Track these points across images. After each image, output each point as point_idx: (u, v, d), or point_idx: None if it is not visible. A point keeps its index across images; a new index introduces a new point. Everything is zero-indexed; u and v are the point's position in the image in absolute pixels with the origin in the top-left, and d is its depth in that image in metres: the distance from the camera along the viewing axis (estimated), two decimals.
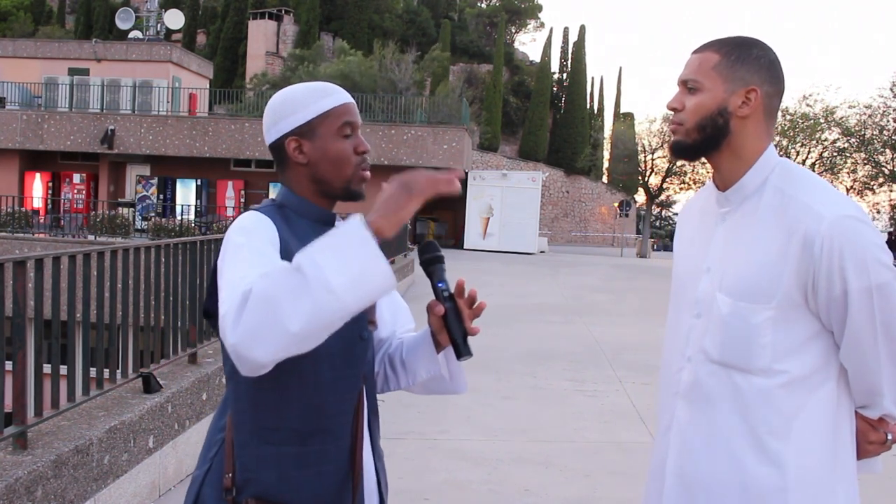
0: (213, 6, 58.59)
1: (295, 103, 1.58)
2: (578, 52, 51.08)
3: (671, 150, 1.71)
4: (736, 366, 1.60)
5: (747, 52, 1.62)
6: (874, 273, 1.51)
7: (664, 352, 1.82)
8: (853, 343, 1.56)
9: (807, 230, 1.52)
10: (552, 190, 46.74)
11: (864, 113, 38.38)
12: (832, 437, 1.60)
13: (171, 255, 4.58)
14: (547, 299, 13.62)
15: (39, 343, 3.24)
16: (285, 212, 1.59)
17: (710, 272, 1.67)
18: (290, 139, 1.58)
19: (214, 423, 1.60)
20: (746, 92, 1.60)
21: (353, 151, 1.59)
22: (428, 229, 28.29)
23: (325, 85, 1.63)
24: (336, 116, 1.58)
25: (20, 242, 17.94)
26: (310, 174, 1.59)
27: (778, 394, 1.57)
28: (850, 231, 1.51)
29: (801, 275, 1.53)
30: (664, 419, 1.75)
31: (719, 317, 1.61)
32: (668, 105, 1.68)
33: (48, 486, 2.94)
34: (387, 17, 52.83)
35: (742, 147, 1.63)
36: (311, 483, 1.52)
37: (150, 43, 30.15)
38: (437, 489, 4.28)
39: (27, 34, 51.05)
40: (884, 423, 1.64)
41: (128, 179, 26.94)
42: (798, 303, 1.55)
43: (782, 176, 1.62)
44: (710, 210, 1.73)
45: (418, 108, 28.12)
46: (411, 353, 1.68)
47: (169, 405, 4.09)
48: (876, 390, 1.60)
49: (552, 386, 6.92)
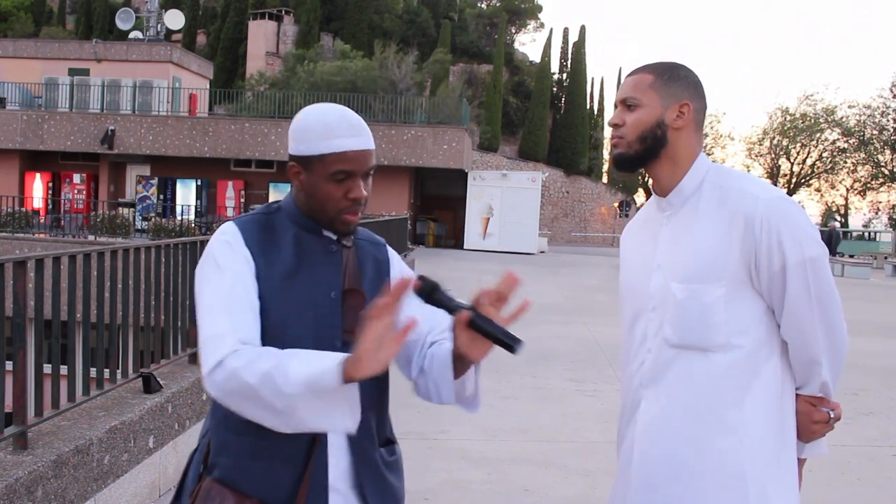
0: (213, 6, 58.58)
1: (303, 133, 1.60)
2: (578, 52, 51.06)
3: (613, 162, 1.88)
4: (695, 346, 1.73)
5: (676, 72, 1.81)
6: (807, 247, 1.68)
7: (623, 352, 1.95)
8: (792, 315, 1.70)
9: (746, 211, 1.69)
10: (552, 190, 46.73)
11: (863, 113, 38.35)
12: (778, 408, 1.73)
13: (171, 255, 4.58)
14: (547, 299, 13.62)
15: (39, 343, 3.24)
16: (278, 217, 1.67)
17: (660, 268, 1.81)
18: (293, 163, 1.63)
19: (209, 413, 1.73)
20: (680, 106, 1.79)
21: (342, 196, 1.59)
22: (428, 229, 28.27)
23: (335, 126, 1.58)
24: (332, 163, 1.57)
25: (20, 242, 17.93)
26: (303, 198, 1.65)
27: (733, 369, 1.70)
28: (784, 210, 1.68)
29: (745, 253, 1.68)
30: (629, 410, 1.88)
31: (675, 303, 1.75)
32: (610, 122, 1.85)
33: (48, 486, 2.94)
34: (387, 17, 52.81)
35: (678, 155, 1.81)
36: (263, 475, 1.57)
37: (150, 43, 30.14)
38: (437, 489, 4.28)
39: (28, 34, 51.06)
40: (824, 401, 1.76)
41: (128, 179, 26.94)
42: (744, 281, 1.70)
43: (717, 174, 1.80)
44: (653, 218, 1.90)
45: (418, 108, 28.11)
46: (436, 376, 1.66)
47: (169, 405, 4.09)
48: (814, 359, 1.73)
49: (552, 386, 6.92)
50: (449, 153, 24.60)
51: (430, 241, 27.88)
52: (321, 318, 1.61)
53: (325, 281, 1.63)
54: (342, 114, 1.60)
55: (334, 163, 1.57)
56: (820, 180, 42.36)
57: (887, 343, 10.08)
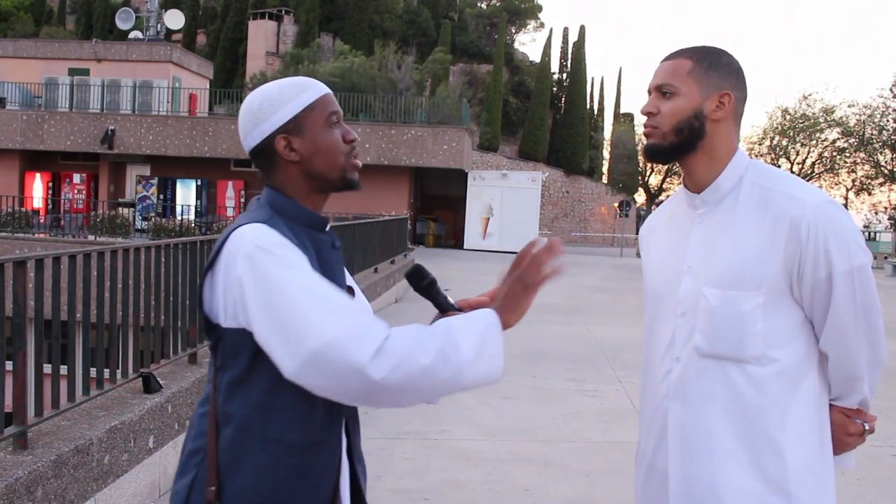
0: (213, 6, 58.55)
1: (276, 101, 1.55)
2: (578, 52, 51.03)
3: (645, 153, 1.75)
4: (729, 356, 1.62)
5: (718, 59, 1.69)
6: (855, 255, 1.59)
7: (645, 358, 1.83)
8: (836, 326, 1.61)
9: (792, 216, 1.58)
10: (552, 190, 46.71)
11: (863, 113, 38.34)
12: (818, 424, 1.65)
13: (171, 255, 4.58)
14: (547, 299, 13.61)
15: (39, 343, 3.24)
16: (283, 219, 1.55)
17: (691, 271, 1.70)
18: (278, 138, 1.54)
19: (196, 427, 1.55)
20: (720, 96, 1.67)
21: (342, 140, 1.58)
22: (428, 229, 28.27)
23: (300, 79, 1.60)
24: (321, 108, 1.57)
25: (20, 242, 17.93)
26: (303, 171, 1.57)
27: (772, 383, 1.61)
28: (832, 216, 1.59)
29: (789, 260, 1.59)
30: (656, 422, 1.75)
31: (708, 309, 1.64)
32: (643, 110, 1.73)
33: (48, 486, 2.94)
34: (387, 17, 52.79)
35: (716, 149, 1.69)
36: (307, 495, 1.51)
37: (150, 43, 30.13)
38: (437, 489, 4.28)
39: (28, 34, 51.03)
40: (860, 414, 1.70)
41: (128, 179, 26.94)
42: (783, 291, 1.60)
43: (757, 173, 1.69)
44: (682, 215, 1.78)
45: (418, 108, 28.10)
46: None
47: (169, 405, 4.09)
48: (856, 374, 1.66)
49: (552, 386, 6.92)
50: (449, 153, 24.59)
51: (430, 241, 27.88)
52: None
53: (336, 279, 1.60)
54: (294, 77, 1.63)
55: (325, 105, 1.57)
56: (820, 180, 42.38)
57: (888, 343, 10.07)
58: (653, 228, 1.90)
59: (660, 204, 2.03)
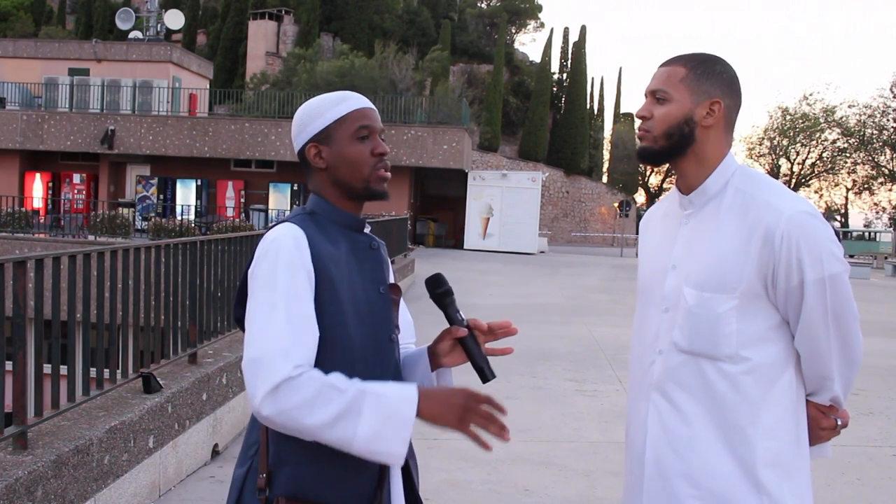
0: (213, 6, 58.57)
1: (313, 112, 1.68)
2: (578, 52, 51.05)
3: (638, 155, 1.83)
4: (703, 353, 1.69)
5: (711, 67, 1.75)
6: (827, 264, 1.64)
7: (632, 349, 1.91)
8: (807, 330, 1.68)
9: (767, 225, 1.64)
10: (552, 190, 46.73)
11: (863, 113, 38.33)
12: (794, 422, 1.71)
13: (171, 255, 4.58)
14: (547, 299, 13.62)
15: (39, 343, 3.24)
16: (317, 218, 1.66)
17: (675, 269, 1.77)
18: (310, 146, 1.68)
19: (252, 422, 1.66)
20: (711, 103, 1.73)
21: (369, 154, 1.66)
22: (428, 229, 28.27)
23: (344, 93, 1.71)
24: (351, 121, 1.66)
25: (20, 242, 17.94)
26: (330, 178, 1.68)
27: (744, 380, 1.67)
28: (807, 225, 1.63)
29: (762, 266, 1.65)
30: (639, 410, 1.82)
31: (686, 308, 1.71)
32: (638, 113, 1.79)
33: (48, 486, 2.94)
34: (387, 17, 52.80)
35: (705, 153, 1.75)
36: (351, 482, 1.59)
37: (150, 43, 30.14)
38: (437, 489, 4.28)
39: (28, 34, 51.05)
40: (833, 410, 1.76)
41: (128, 179, 26.95)
42: (759, 294, 1.67)
43: (743, 178, 1.74)
44: (673, 214, 1.85)
45: (418, 108, 28.11)
46: (408, 367, 1.77)
47: (169, 405, 4.09)
48: (827, 374, 1.72)
49: (552, 386, 6.93)
50: (449, 153, 24.60)
51: (430, 241, 27.89)
52: (376, 314, 1.66)
53: (374, 277, 1.68)
54: (339, 91, 1.75)
55: (356, 119, 1.66)
56: (820, 180, 42.39)
57: (888, 343, 10.08)
58: (649, 222, 1.97)
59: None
